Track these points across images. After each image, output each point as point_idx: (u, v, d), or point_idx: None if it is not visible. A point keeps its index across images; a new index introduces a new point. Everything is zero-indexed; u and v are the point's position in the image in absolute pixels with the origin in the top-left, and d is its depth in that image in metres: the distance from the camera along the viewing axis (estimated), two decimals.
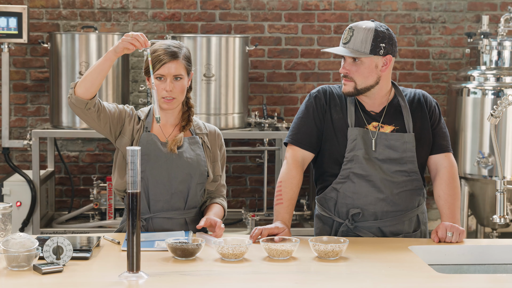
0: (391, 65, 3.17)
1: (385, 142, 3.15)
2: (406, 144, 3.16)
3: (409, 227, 3.20)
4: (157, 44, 3.14)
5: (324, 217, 3.25)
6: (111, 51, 3.02)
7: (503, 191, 2.95)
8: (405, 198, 3.18)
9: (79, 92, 3.04)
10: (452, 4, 6.40)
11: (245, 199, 6.43)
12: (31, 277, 2.49)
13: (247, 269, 2.64)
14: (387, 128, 3.18)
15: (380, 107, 3.21)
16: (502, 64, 5.56)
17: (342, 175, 3.17)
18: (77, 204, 6.28)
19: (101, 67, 3.02)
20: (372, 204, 3.15)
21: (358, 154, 3.14)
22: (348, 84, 3.15)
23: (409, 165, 3.17)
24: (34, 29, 6.18)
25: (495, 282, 2.61)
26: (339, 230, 3.19)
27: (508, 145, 5.40)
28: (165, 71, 3.11)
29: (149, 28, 6.20)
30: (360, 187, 3.15)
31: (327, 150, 3.21)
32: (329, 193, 3.20)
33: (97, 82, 3.03)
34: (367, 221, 3.16)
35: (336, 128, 3.19)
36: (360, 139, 3.14)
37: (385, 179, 3.14)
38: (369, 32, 3.09)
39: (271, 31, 6.34)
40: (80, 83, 3.05)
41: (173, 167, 3.15)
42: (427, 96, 3.28)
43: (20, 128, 6.25)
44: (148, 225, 3.16)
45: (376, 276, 2.57)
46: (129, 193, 2.49)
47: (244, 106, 5.76)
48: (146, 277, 2.49)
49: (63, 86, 5.62)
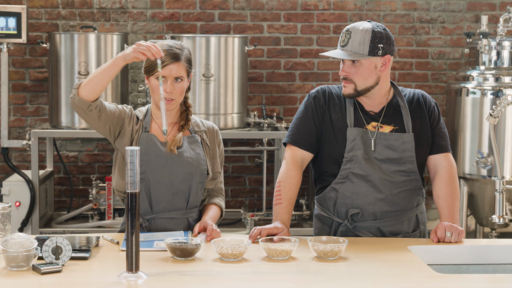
0: (390, 65, 3.17)
1: (384, 142, 3.15)
2: (405, 144, 3.16)
3: (408, 227, 3.21)
4: (158, 44, 3.12)
5: (324, 217, 3.25)
6: (120, 57, 3.00)
7: (502, 191, 2.95)
8: (404, 198, 3.18)
9: (82, 94, 3.03)
10: (451, 4, 6.40)
11: (244, 199, 6.43)
12: (30, 277, 2.49)
13: (246, 269, 2.64)
14: (386, 128, 3.18)
15: (380, 107, 3.21)
16: (501, 64, 5.56)
17: (341, 175, 3.17)
18: (76, 204, 6.28)
19: (108, 71, 3.01)
20: (371, 204, 3.15)
21: (357, 154, 3.14)
22: (348, 86, 3.15)
23: (408, 165, 3.17)
24: (33, 29, 6.18)
25: (494, 282, 2.61)
26: (338, 230, 3.19)
27: (507, 145, 5.40)
28: (166, 72, 3.11)
29: (148, 28, 6.20)
30: (359, 187, 3.15)
31: (326, 150, 3.21)
32: (328, 193, 3.20)
33: (102, 85, 3.02)
34: (366, 221, 3.16)
35: (335, 128, 3.18)
36: (359, 139, 3.14)
37: (384, 179, 3.14)
38: (367, 33, 3.09)
39: (270, 31, 6.34)
40: (84, 85, 3.04)
41: (174, 167, 3.15)
42: (426, 96, 3.28)
43: (19, 128, 6.25)
44: (151, 225, 3.16)
45: (375, 276, 2.57)
46: (128, 193, 2.49)
47: (243, 106, 5.76)
48: (145, 277, 2.49)
49: (62, 86, 5.62)
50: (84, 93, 3.03)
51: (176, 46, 3.15)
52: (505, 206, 2.96)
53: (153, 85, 3.14)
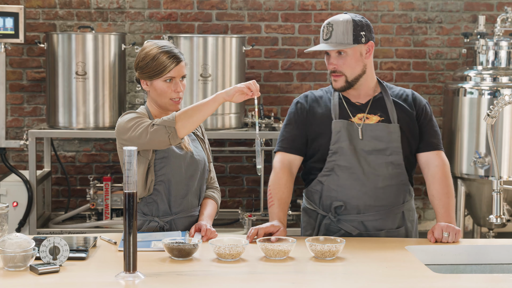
0: (373, 51, 3.24)
1: (371, 133, 3.19)
2: (391, 135, 3.19)
3: (393, 224, 3.21)
4: (154, 48, 3.13)
5: (310, 210, 3.28)
6: (222, 94, 2.96)
7: (499, 191, 2.95)
8: (389, 194, 3.19)
9: (182, 134, 2.97)
10: (448, 4, 6.40)
11: (241, 199, 6.43)
12: (28, 277, 2.49)
13: (243, 269, 2.64)
14: (373, 119, 3.22)
15: (366, 98, 3.26)
16: (499, 64, 5.56)
17: (327, 167, 3.19)
18: (73, 204, 6.28)
19: (209, 108, 2.96)
20: (355, 198, 3.17)
21: (343, 146, 3.17)
22: (339, 80, 3.20)
23: (394, 156, 3.19)
24: (31, 29, 6.17)
25: (491, 282, 2.61)
26: (322, 223, 3.20)
27: (505, 145, 5.40)
28: (176, 73, 3.12)
29: (145, 28, 6.20)
30: (344, 180, 3.17)
31: (314, 147, 3.24)
32: (314, 186, 3.23)
33: (200, 123, 3.02)
34: (350, 214, 3.18)
35: (321, 124, 3.23)
36: (344, 131, 3.18)
37: (370, 172, 3.16)
38: (348, 23, 3.16)
39: (267, 31, 6.34)
40: (184, 124, 2.95)
41: (188, 166, 3.18)
42: (417, 95, 3.33)
43: (16, 128, 6.24)
44: (171, 227, 3.16)
45: (373, 276, 2.57)
46: (125, 193, 2.49)
47: (240, 106, 5.76)
48: (142, 277, 2.49)
49: (60, 86, 5.61)
50: (183, 133, 2.97)
51: (171, 46, 3.17)
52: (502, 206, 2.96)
53: (159, 88, 3.12)
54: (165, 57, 3.11)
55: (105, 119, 5.64)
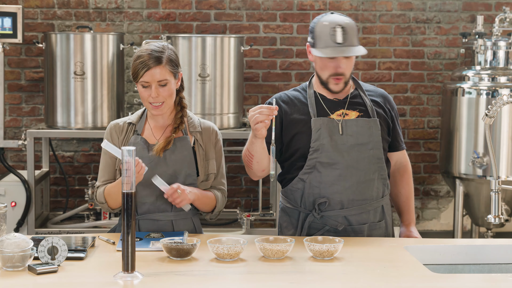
0: None
1: (351, 128, 3.21)
2: (372, 129, 3.23)
3: (375, 217, 3.26)
4: (138, 51, 3.13)
5: (290, 209, 3.28)
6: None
7: (497, 191, 2.95)
8: (371, 187, 3.22)
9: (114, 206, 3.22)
10: (447, 4, 6.40)
11: (240, 199, 6.43)
12: (26, 277, 2.49)
13: (242, 269, 2.64)
14: (352, 114, 3.23)
15: (344, 95, 3.28)
16: (497, 64, 5.56)
17: (308, 165, 3.20)
18: (72, 204, 6.27)
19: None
20: (338, 193, 3.18)
21: (324, 143, 3.18)
22: (340, 82, 3.22)
23: (375, 150, 3.22)
24: (29, 29, 6.17)
25: (490, 282, 2.61)
26: (306, 221, 3.20)
27: (503, 145, 5.40)
28: (149, 78, 3.08)
29: (144, 28, 6.19)
30: (326, 176, 3.18)
31: (294, 146, 3.24)
32: (295, 184, 3.23)
33: None
34: (333, 210, 3.19)
35: (300, 123, 3.23)
36: (324, 127, 3.19)
37: (351, 167, 3.18)
38: (354, 26, 3.20)
39: (266, 31, 6.34)
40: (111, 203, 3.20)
41: (157, 170, 3.14)
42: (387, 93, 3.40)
43: (14, 128, 6.24)
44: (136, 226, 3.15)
45: (371, 276, 2.57)
46: (124, 193, 2.49)
47: (239, 106, 5.76)
48: (141, 277, 2.49)
49: (58, 86, 5.61)
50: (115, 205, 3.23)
51: (157, 49, 3.11)
52: (500, 206, 2.96)
53: (139, 92, 3.16)
54: (138, 62, 3.09)
55: (103, 119, 5.64)
